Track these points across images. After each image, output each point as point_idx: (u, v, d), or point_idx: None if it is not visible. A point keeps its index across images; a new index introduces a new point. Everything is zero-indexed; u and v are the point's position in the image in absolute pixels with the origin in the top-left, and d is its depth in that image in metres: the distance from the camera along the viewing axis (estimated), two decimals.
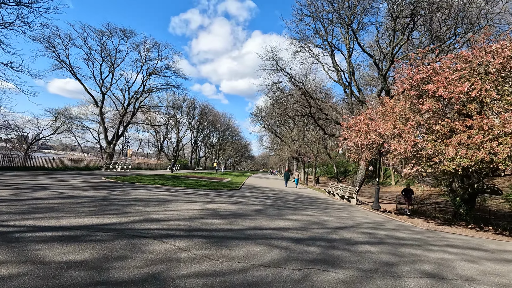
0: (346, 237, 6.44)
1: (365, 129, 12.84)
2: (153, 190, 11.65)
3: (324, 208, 12.25)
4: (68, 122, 44.90)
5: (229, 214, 7.81)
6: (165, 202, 8.68)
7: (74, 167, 25.14)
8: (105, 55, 33.94)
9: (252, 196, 14.03)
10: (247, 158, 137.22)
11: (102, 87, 35.37)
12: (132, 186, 12.80)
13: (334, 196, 19.58)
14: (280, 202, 12.43)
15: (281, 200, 13.62)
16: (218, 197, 11.61)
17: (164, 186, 13.77)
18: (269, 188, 21.45)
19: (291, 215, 9.01)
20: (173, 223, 5.83)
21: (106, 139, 36.36)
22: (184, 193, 11.67)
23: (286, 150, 51.75)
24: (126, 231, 4.79)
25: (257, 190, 18.31)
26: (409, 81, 12.31)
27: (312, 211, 10.66)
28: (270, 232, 6.08)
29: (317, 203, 14.00)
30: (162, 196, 10.05)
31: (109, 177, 16.38)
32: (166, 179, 19.48)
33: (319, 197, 18.06)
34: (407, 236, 7.50)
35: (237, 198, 12.07)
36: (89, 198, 7.88)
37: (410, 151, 10.83)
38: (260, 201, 12.16)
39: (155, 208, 7.40)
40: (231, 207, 9.24)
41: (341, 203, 15.78)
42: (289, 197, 15.91)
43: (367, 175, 22.13)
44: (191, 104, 63.85)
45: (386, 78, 19.02)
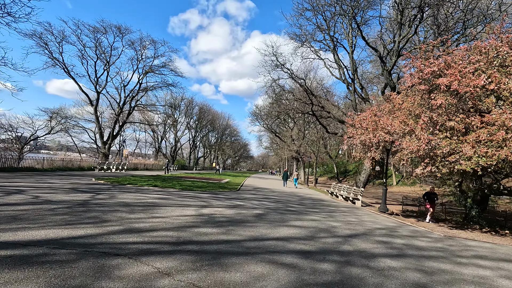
0: (360, 248, 5.55)
1: (372, 126, 11.96)
2: (144, 193, 10.73)
3: (329, 211, 11.36)
4: (63, 122, 43.97)
5: (226, 220, 6.90)
6: (154, 207, 7.77)
7: (66, 167, 24.16)
8: (99, 52, 32.99)
9: (252, 198, 13.13)
10: (246, 158, 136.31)
11: (97, 86, 34.40)
12: (122, 188, 11.88)
13: (338, 198, 18.70)
14: (282, 205, 11.53)
15: (283, 202, 12.73)
16: (215, 200, 10.70)
17: (157, 188, 12.85)
18: (269, 189, 20.55)
19: (295, 220, 8.11)
20: (158, 234, 4.92)
21: (101, 139, 35.38)
22: (178, 196, 10.76)
23: (286, 150, 50.88)
24: (97, 247, 3.88)
25: (256, 192, 17.40)
26: (419, 75, 11.45)
27: (317, 215, 9.77)
28: (273, 243, 5.18)
29: (321, 206, 13.12)
30: (152, 199, 9.14)
31: (99, 178, 15.44)
32: (161, 180, 18.55)
33: (321, 199, 17.17)
34: (427, 245, 6.62)
35: (236, 201, 11.16)
36: (66, 203, 6.96)
37: (423, 150, 9.96)
38: (260, 204, 11.26)
39: (140, 214, 6.48)
40: (228, 211, 8.34)
41: (346, 205, 14.90)
42: (291, 199, 15.01)
43: (369, 175, 21.28)
44: (189, 103, 62.92)
45: (391, 74, 18.14)
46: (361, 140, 11.91)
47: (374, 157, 12.83)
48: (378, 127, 11.94)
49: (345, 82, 22.44)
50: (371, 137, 11.51)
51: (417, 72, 11.41)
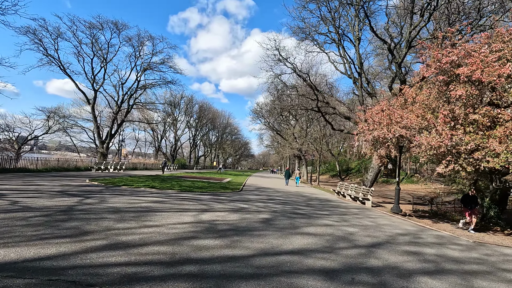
0: (390, 262, 4.67)
1: (386, 120, 11.05)
2: (139, 196, 9.85)
3: (340, 213, 10.47)
4: (61, 121, 43.12)
5: (229, 228, 6.02)
6: (148, 212, 6.88)
7: (62, 168, 23.31)
8: (96, 49, 32.05)
9: (256, 199, 12.25)
10: (247, 157, 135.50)
11: (94, 84, 33.48)
12: (116, 190, 11.00)
13: (345, 197, 17.82)
14: (289, 207, 10.65)
15: (289, 204, 11.85)
16: (217, 203, 9.81)
17: (154, 190, 11.97)
18: (273, 189, 19.67)
19: (307, 226, 7.22)
20: (149, 251, 4.03)
21: (99, 138, 34.51)
22: (176, 199, 9.88)
23: (287, 148, 49.99)
24: (66, 273, 2.99)
25: (260, 192, 16.53)
26: (436, 65, 10.52)
27: (328, 218, 8.89)
28: (288, 259, 4.30)
29: (330, 207, 12.24)
30: (147, 203, 8.26)
31: (94, 179, 14.58)
32: (160, 180, 17.68)
33: (328, 199, 16.29)
34: (463, 256, 5.73)
35: (239, 203, 10.28)
36: (46, 211, 6.07)
37: (445, 146, 9.06)
38: (266, 206, 10.38)
39: (130, 223, 5.60)
40: (232, 216, 7.45)
41: (356, 206, 14.02)
42: (297, 199, 14.13)
43: (377, 174, 20.36)
44: (189, 102, 61.97)
45: (401, 67, 17.18)
46: (374, 136, 11.01)
47: (388, 154, 11.94)
48: (392, 122, 11.04)
49: (351, 76, 21.48)
50: (386, 132, 10.61)
51: (434, 62, 10.50)
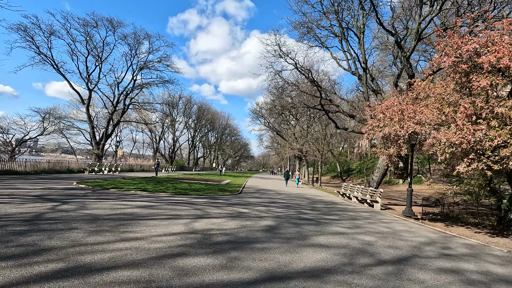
0: (430, 286, 3.67)
1: (398, 116, 10.06)
2: (126, 200, 8.84)
3: (350, 218, 9.46)
4: (56, 122, 42.12)
5: (226, 240, 5.01)
6: (131, 220, 5.87)
7: (53, 170, 22.26)
8: (90, 47, 31.10)
9: (257, 203, 11.23)
10: (246, 158, 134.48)
11: (89, 83, 32.51)
12: (102, 194, 9.97)
13: (351, 200, 16.81)
14: (294, 212, 9.64)
15: (293, 208, 10.84)
16: (213, 208, 8.80)
17: (145, 193, 10.94)
18: (274, 191, 18.66)
19: (317, 234, 6.22)
20: (115, 278, 3.02)
21: (94, 139, 33.49)
22: (168, 203, 8.86)
23: (288, 149, 48.99)
24: None
25: (261, 194, 15.52)
26: (457, 53, 9.55)
27: (339, 224, 7.88)
28: (301, 285, 3.29)
29: (337, 210, 11.23)
30: (133, 209, 7.24)
31: (82, 182, 13.56)
32: (155, 183, 16.66)
33: (333, 201, 15.28)
34: (509, 272, 4.73)
35: (238, 208, 9.27)
36: (6, 220, 5.06)
37: (467, 142, 8.08)
38: (268, 210, 9.36)
39: (105, 235, 4.58)
40: (230, 224, 6.44)
41: (364, 209, 13.01)
42: (301, 202, 13.12)
43: (383, 174, 19.36)
44: (188, 102, 60.98)
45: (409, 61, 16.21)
46: (385, 133, 10.02)
47: (399, 153, 10.96)
48: (404, 117, 10.05)
49: (355, 73, 20.53)
50: (398, 129, 9.61)
51: (455, 49, 9.54)
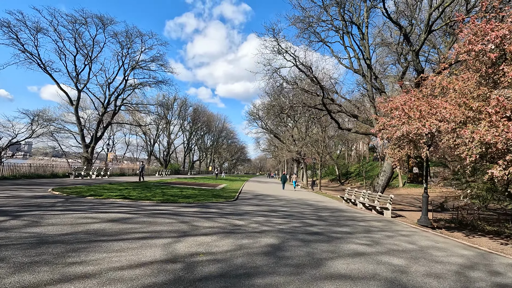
0: None
1: (417, 113, 8.80)
2: (99, 211, 7.40)
3: (363, 230, 8.13)
4: (45, 124, 40.44)
5: (216, 273, 3.64)
6: (89, 244, 4.46)
7: (34, 174, 20.66)
8: (79, 45, 29.60)
9: (255, 212, 9.85)
10: (243, 162, 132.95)
11: (78, 83, 30.95)
12: (75, 203, 8.53)
13: (356, 206, 15.50)
14: (298, 222, 8.28)
15: (296, 217, 9.48)
16: (204, 219, 7.40)
17: (126, 202, 9.50)
18: (273, 197, 17.29)
19: (333, 257, 4.87)
20: None
21: (83, 141, 31.87)
22: (150, 214, 7.44)
23: (285, 152, 47.70)
24: None
25: (259, 201, 14.13)
26: (484, 40, 8.36)
27: (354, 240, 6.54)
28: None
29: (346, 220, 9.89)
30: (102, 223, 5.82)
31: (59, 189, 12.07)
32: (142, 188, 15.20)
33: (338, 208, 13.96)
34: None
35: (233, 219, 7.89)
36: None
37: (505, 141, 6.84)
38: (268, 222, 7.99)
39: (39, 270, 3.17)
40: (222, 244, 5.07)
41: (374, 217, 11.70)
42: (304, 210, 11.77)
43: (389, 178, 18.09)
44: (183, 104, 59.47)
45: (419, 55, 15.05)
46: (403, 132, 8.74)
47: (418, 155, 9.72)
48: (423, 115, 8.80)
49: (359, 71, 19.35)
50: (419, 126, 8.33)
51: (482, 35, 8.34)
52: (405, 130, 8.78)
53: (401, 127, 8.99)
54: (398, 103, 9.44)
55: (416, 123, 8.51)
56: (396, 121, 9.25)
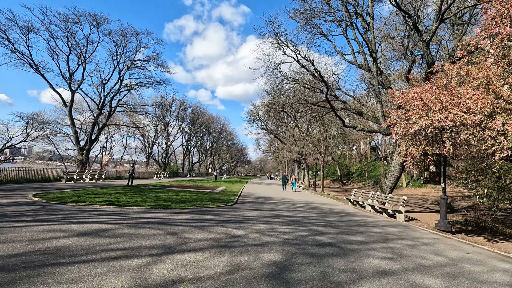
0: None
1: (438, 104, 7.80)
2: (75, 221, 6.37)
3: (380, 239, 7.10)
4: (40, 127, 39.53)
5: None
6: (39, 269, 3.42)
7: (23, 179, 19.66)
8: (72, 44, 28.67)
9: (255, 218, 8.82)
10: (243, 163, 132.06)
11: (71, 84, 30.01)
12: (50, 210, 7.50)
13: (364, 208, 14.47)
14: (305, 230, 7.25)
15: (302, 223, 8.45)
16: (196, 229, 6.38)
17: (111, 208, 8.48)
18: (274, 199, 16.25)
19: (355, 280, 3.84)
20: None
21: (77, 144, 30.88)
22: (133, 224, 6.42)
23: (286, 152, 46.68)
24: None
25: (260, 204, 13.10)
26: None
27: (374, 253, 5.51)
28: None
29: (357, 225, 8.85)
30: (69, 239, 4.79)
31: (41, 194, 11.06)
32: (135, 192, 14.19)
33: (345, 211, 12.92)
34: None
35: (230, 227, 6.86)
36: None
37: None
38: (271, 230, 6.97)
39: None
40: (213, 264, 4.04)
41: (386, 221, 10.66)
42: (309, 214, 10.73)
43: (398, 178, 17.05)
44: (181, 105, 58.51)
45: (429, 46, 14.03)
46: (422, 126, 7.72)
47: (437, 152, 8.69)
48: (445, 105, 7.79)
49: (363, 66, 18.39)
50: (441, 118, 7.32)
51: (508, 18, 7.36)
52: (424, 123, 7.77)
53: (418, 120, 7.98)
54: (415, 93, 8.43)
55: (437, 115, 7.49)
56: (413, 114, 8.23)
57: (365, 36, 17.24)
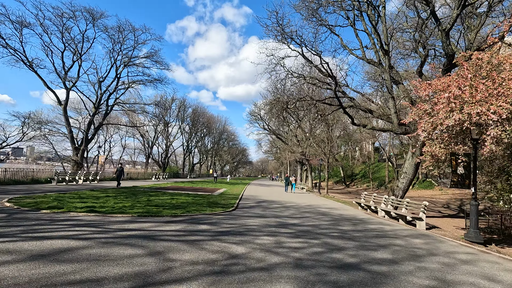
0: None
1: (477, 95, 6.58)
2: (33, 237, 5.16)
3: (408, 255, 5.87)
4: (38, 127, 38.53)
5: None
6: None
7: (11, 180, 18.52)
8: (67, 39, 27.57)
9: (259, 228, 7.60)
10: (245, 164, 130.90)
11: (66, 81, 28.91)
12: (14, 221, 6.30)
13: (377, 214, 13.22)
14: (319, 244, 6.02)
15: (314, 234, 7.22)
16: (185, 247, 5.17)
17: (90, 216, 7.28)
18: (278, 203, 15.03)
19: None
20: None
21: (72, 144, 29.72)
22: (107, 240, 5.21)
23: (288, 153, 45.45)
24: None
25: (263, 210, 11.88)
26: None
27: (407, 275, 4.29)
28: None
29: (376, 237, 7.62)
30: (6, 268, 3.60)
31: (17, 199, 9.88)
32: (125, 196, 13.00)
33: (358, 217, 11.68)
34: None
35: (229, 243, 5.65)
36: None
37: None
38: (278, 246, 5.75)
39: None
40: None
41: (407, 230, 9.40)
42: (320, 222, 9.50)
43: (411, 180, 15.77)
44: (182, 105, 57.36)
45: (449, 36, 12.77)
46: (456, 120, 6.51)
47: (482, 152, 7.47)
48: (484, 95, 6.58)
49: (372, 62, 17.19)
50: (483, 111, 6.10)
51: None
52: (458, 117, 6.54)
53: (450, 115, 6.75)
54: (444, 83, 7.21)
55: (477, 108, 6.26)
56: (444, 107, 7.01)
57: (374, 30, 16.02)
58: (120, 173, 19.56)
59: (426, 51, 18.60)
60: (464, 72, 7.16)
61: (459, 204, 24.93)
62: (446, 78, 7.53)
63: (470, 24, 18.32)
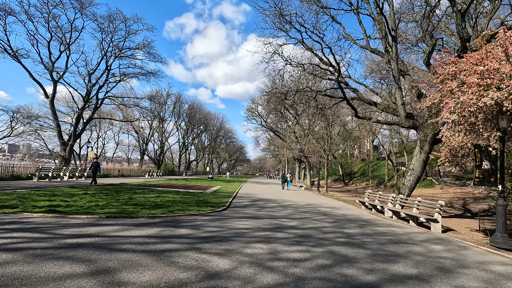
0: None
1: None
2: None
3: (433, 266, 4.66)
4: (27, 122, 37.03)
5: None
6: None
7: None
8: (53, 28, 26.07)
9: (250, 233, 6.35)
10: (242, 162, 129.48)
11: (53, 73, 27.45)
12: None
13: (383, 214, 12.05)
14: (322, 254, 4.80)
15: (316, 239, 6.00)
16: (147, 262, 3.92)
17: (46, 217, 6.00)
18: (275, 203, 13.81)
19: None
20: None
21: (60, 139, 28.32)
22: (44, 252, 3.95)
23: (286, 150, 44.23)
24: None
25: (257, 210, 10.64)
26: None
27: None
28: None
29: (388, 242, 6.41)
30: None
31: None
32: (106, 194, 11.72)
33: (362, 218, 10.48)
34: None
35: (209, 254, 4.41)
36: None
37: None
38: (273, 256, 4.52)
39: None
40: None
41: (422, 234, 8.21)
42: (321, 224, 8.29)
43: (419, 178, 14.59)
44: (177, 100, 55.88)
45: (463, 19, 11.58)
46: (495, 100, 5.30)
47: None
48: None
49: (376, 51, 15.97)
50: None
51: None
52: (496, 96, 5.32)
53: (485, 94, 5.53)
54: (478, 57, 5.98)
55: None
56: (474, 89, 5.77)
57: (380, 16, 14.78)
58: (96, 169, 17.32)
59: (434, 40, 17.40)
60: (505, 42, 5.93)
61: (462, 203, 23.90)
62: (478, 52, 6.30)
63: (481, 11, 17.12)
